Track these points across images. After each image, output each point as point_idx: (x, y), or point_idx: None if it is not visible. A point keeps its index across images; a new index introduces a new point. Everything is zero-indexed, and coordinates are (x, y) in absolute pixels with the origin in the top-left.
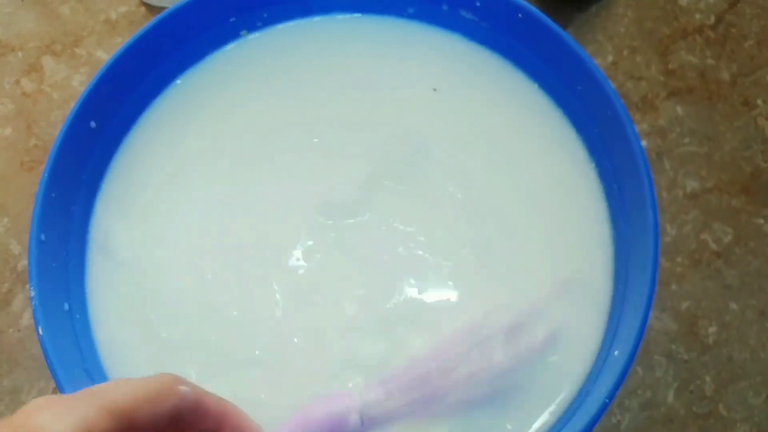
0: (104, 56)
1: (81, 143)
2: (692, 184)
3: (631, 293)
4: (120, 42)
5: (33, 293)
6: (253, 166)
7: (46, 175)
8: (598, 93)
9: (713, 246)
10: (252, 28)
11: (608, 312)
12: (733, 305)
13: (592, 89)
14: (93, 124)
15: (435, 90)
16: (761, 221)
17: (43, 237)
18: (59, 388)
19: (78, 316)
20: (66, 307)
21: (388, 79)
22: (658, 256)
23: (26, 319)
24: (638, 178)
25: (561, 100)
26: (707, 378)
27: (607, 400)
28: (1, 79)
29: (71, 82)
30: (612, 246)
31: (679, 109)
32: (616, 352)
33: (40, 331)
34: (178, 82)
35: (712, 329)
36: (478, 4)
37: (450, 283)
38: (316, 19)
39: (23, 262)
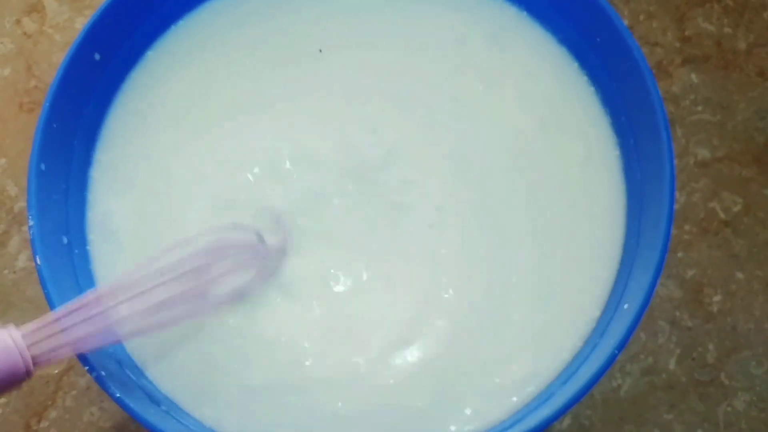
0: None
1: (84, 75)
2: (703, 153)
3: (643, 249)
4: None
5: (31, 222)
6: (258, 114)
7: (48, 104)
8: (619, 46)
9: (722, 215)
10: None
11: (617, 268)
12: (740, 275)
13: (613, 42)
14: (97, 57)
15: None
16: None
17: (43, 167)
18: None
19: (77, 251)
20: (65, 240)
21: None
22: (673, 208)
23: (22, 261)
24: (656, 132)
25: (575, 50)
26: (710, 346)
27: (615, 351)
28: (2, 18)
29: (74, 24)
30: (624, 200)
31: (693, 77)
32: (625, 306)
33: (38, 261)
34: (187, 17)
35: (717, 298)
36: None
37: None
38: None
39: (20, 204)
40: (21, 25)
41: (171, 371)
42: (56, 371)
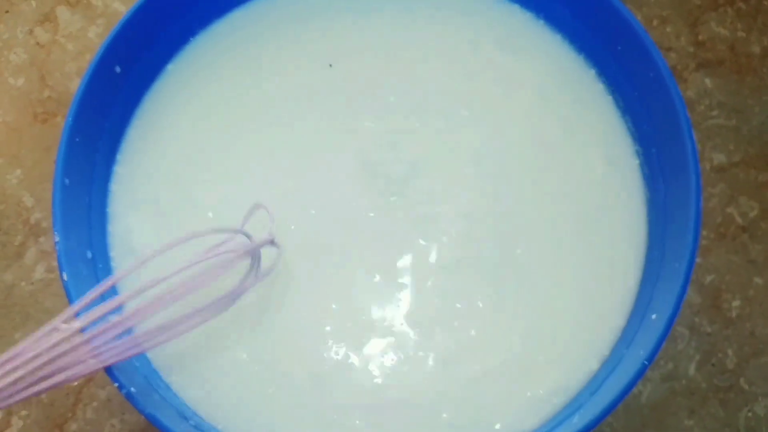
0: (121, 8)
1: (105, 87)
2: (719, 158)
3: (668, 259)
4: None
5: (57, 238)
6: (283, 126)
7: (71, 118)
8: (642, 55)
9: (739, 220)
10: None
11: (641, 276)
12: (758, 280)
13: (635, 51)
14: (118, 69)
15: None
16: None
17: (67, 181)
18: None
19: (101, 265)
20: (89, 255)
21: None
22: (699, 219)
23: (39, 272)
24: (681, 142)
25: (594, 58)
26: (729, 351)
27: (645, 363)
28: (14, 29)
29: (87, 33)
30: (646, 209)
31: (708, 82)
32: (653, 316)
33: (65, 277)
34: (204, 32)
35: (736, 303)
36: None
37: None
38: None
39: (36, 215)
40: (34, 35)
41: (194, 382)
42: (76, 383)
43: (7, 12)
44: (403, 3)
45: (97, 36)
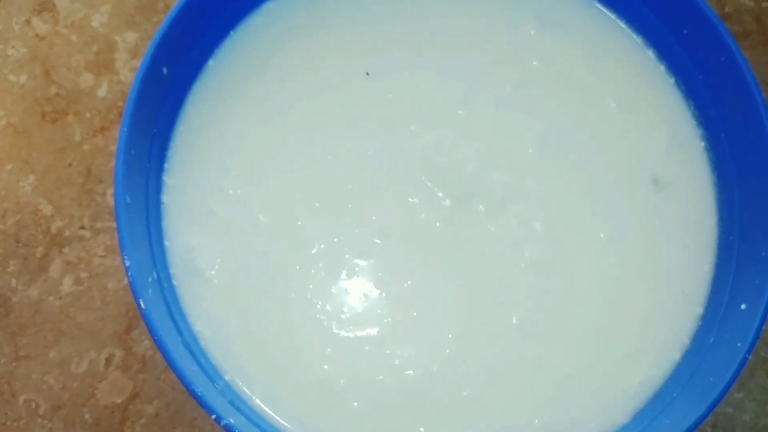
0: None
1: (154, 92)
2: None
3: (749, 245)
4: None
5: (128, 263)
6: (332, 133)
7: (126, 129)
8: (712, 39)
9: None
10: None
11: (715, 262)
12: None
13: (705, 35)
14: (165, 71)
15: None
16: None
17: (128, 199)
18: (172, 367)
19: (165, 285)
20: (155, 275)
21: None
22: None
23: (67, 285)
24: (758, 128)
25: (653, 39)
26: None
27: (747, 355)
28: (9, 20)
29: (91, 22)
30: (715, 193)
31: None
32: (743, 306)
33: (143, 305)
34: (252, 21)
35: None
36: None
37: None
38: None
39: (57, 224)
40: (32, 26)
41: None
42: (120, 400)
43: None
44: None
45: (102, 26)
